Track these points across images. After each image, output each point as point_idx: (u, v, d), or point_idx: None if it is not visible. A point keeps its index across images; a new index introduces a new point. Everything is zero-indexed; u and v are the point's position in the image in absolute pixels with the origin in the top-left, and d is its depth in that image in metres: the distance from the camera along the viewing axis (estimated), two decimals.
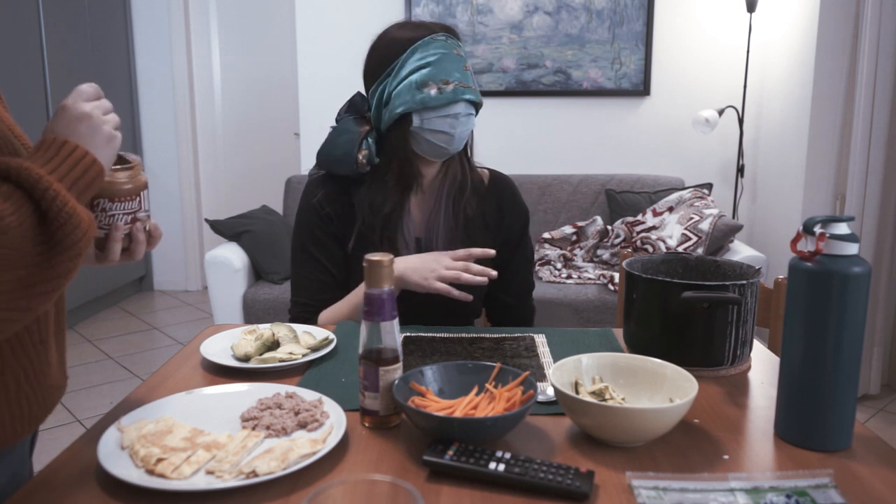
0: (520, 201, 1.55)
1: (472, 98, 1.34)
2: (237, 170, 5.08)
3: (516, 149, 3.75)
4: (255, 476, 0.76)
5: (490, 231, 1.50)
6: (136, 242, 0.91)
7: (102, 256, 0.90)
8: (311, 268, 1.46)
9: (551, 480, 0.75)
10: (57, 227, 0.75)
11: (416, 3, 3.61)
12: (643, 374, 0.97)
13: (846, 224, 0.85)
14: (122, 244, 0.90)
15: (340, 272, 1.46)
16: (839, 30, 2.85)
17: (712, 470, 0.81)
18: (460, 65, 1.33)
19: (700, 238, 3.06)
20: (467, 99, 1.34)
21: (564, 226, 3.47)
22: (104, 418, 0.94)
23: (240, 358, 1.13)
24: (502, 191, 1.53)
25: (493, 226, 1.51)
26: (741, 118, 3.52)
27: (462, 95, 1.32)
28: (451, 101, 1.31)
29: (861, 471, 0.81)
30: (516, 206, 1.54)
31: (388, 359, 0.91)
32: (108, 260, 0.90)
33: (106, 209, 0.88)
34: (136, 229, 0.91)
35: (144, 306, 4.46)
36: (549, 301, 2.96)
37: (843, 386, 0.85)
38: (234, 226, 3.23)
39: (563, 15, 3.62)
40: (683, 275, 1.25)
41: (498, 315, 1.59)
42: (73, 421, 2.79)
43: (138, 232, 0.91)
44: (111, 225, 0.88)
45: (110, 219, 0.88)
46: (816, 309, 0.84)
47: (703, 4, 3.61)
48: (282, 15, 4.78)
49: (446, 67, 1.31)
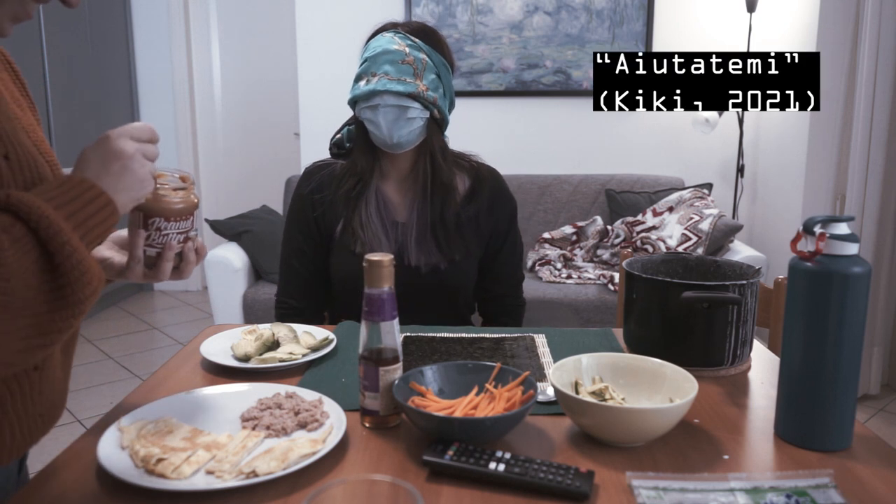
0: (507, 193, 1.57)
1: (397, 89, 1.36)
2: (237, 170, 5.08)
3: (516, 149, 3.75)
4: (254, 476, 0.76)
5: (480, 223, 1.52)
6: (186, 262, 0.91)
7: (152, 275, 0.89)
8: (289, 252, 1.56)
9: (551, 480, 0.75)
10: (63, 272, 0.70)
11: (416, 3, 3.61)
12: (643, 374, 0.97)
13: (846, 224, 0.85)
14: (173, 263, 0.89)
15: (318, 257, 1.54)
16: (839, 30, 2.85)
17: (712, 470, 0.81)
18: (397, 58, 1.37)
19: (700, 238, 3.06)
20: (391, 90, 1.36)
21: (564, 226, 3.46)
22: (104, 418, 0.94)
23: (240, 358, 1.13)
24: (489, 183, 1.54)
25: (483, 218, 1.53)
26: (741, 118, 3.52)
27: (383, 87, 1.36)
28: (372, 92, 1.37)
29: (861, 471, 0.81)
30: (504, 198, 1.56)
31: (388, 359, 0.91)
32: (157, 278, 0.89)
33: (161, 228, 0.87)
34: (188, 248, 0.91)
35: (144, 306, 4.45)
36: (549, 301, 2.96)
37: (843, 386, 0.85)
38: (234, 226, 3.23)
39: (563, 15, 3.62)
40: (683, 275, 1.25)
41: (488, 307, 1.61)
42: (73, 421, 2.79)
43: (189, 251, 0.91)
44: (164, 244, 0.88)
45: (164, 238, 0.88)
46: (816, 309, 0.84)
47: (703, 4, 3.61)
48: (282, 15, 4.77)
49: (378, 61, 1.38)
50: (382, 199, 1.50)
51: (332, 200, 1.51)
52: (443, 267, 1.47)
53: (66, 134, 3.80)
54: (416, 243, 1.46)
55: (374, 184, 1.50)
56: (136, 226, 0.87)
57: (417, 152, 1.48)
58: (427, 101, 1.39)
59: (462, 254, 1.48)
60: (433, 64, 1.41)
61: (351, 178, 1.49)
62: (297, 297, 1.57)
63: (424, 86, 1.38)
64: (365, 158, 1.48)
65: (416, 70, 1.38)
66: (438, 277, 1.46)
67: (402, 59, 1.37)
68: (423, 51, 1.40)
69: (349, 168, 1.50)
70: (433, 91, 1.40)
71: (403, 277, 1.41)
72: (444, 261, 1.47)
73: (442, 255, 1.46)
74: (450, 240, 1.47)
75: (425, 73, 1.39)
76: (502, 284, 1.59)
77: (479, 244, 1.53)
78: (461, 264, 1.49)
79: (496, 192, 1.54)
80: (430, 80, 1.40)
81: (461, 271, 1.49)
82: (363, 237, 1.46)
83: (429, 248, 1.46)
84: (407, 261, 1.46)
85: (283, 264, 1.58)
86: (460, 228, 1.50)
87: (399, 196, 1.52)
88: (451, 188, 1.48)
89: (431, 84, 1.40)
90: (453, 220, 1.49)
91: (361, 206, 1.48)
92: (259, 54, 5.01)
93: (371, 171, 1.49)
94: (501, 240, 1.56)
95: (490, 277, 1.57)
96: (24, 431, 0.85)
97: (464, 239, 1.50)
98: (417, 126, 1.41)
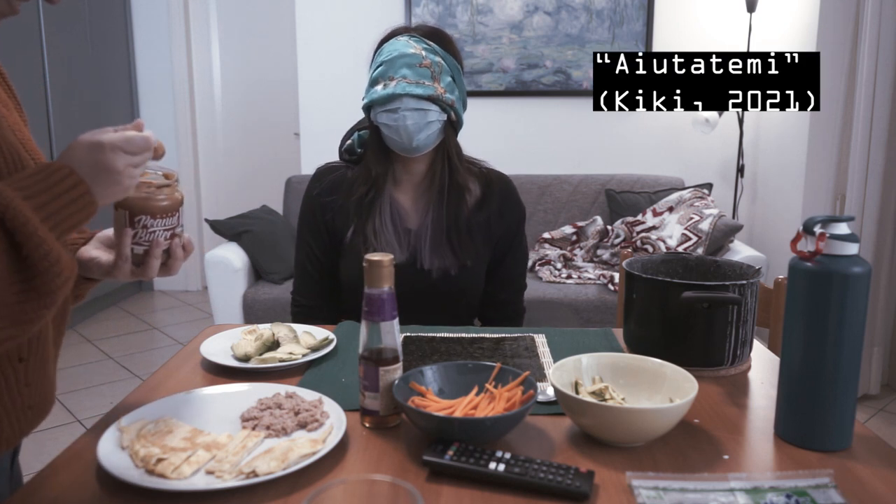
0: (517, 199, 1.57)
1: (417, 93, 1.36)
2: (237, 170, 5.08)
3: (516, 149, 3.75)
4: (254, 476, 0.76)
5: (491, 228, 1.52)
6: (174, 258, 0.91)
7: (140, 272, 0.89)
8: (302, 255, 1.56)
9: (551, 480, 0.75)
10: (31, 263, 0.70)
11: (416, 3, 3.61)
12: (643, 374, 0.97)
13: (846, 224, 0.85)
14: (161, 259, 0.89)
15: (328, 260, 1.54)
16: (839, 30, 2.85)
17: (712, 470, 0.81)
18: (415, 62, 1.37)
19: (700, 238, 3.06)
20: (411, 94, 1.35)
21: (564, 226, 3.46)
22: (104, 418, 0.94)
23: (240, 358, 1.13)
24: (500, 189, 1.55)
25: (493, 224, 1.53)
26: (741, 118, 3.52)
27: (403, 90, 1.35)
28: (391, 96, 1.36)
29: (861, 471, 0.81)
30: (514, 205, 1.56)
31: (388, 359, 0.91)
32: (146, 276, 0.89)
33: (147, 226, 0.87)
34: (175, 245, 0.91)
35: (144, 306, 4.45)
36: (549, 301, 2.96)
37: (843, 386, 0.85)
38: (234, 226, 3.23)
39: (563, 15, 3.62)
40: (683, 275, 1.25)
41: (489, 312, 1.61)
42: (73, 421, 2.79)
43: (176, 248, 0.91)
44: (152, 241, 0.88)
45: (151, 235, 0.88)
46: (816, 309, 0.84)
47: (703, 4, 3.61)
48: (282, 15, 4.77)
49: (396, 64, 1.37)
50: (396, 207, 1.49)
51: (342, 205, 1.50)
52: (454, 272, 1.46)
53: (66, 134, 3.80)
54: (431, 248, 1.46)
55: (387, 191, 1.49)
56: (123, 224, 0.87)
57: (433, 155, 1.47)
58: (445, 103, 1.39)
59: (473, 258, 1.49)
60: (448, 67, 1.42)
61: (363, 185, 1.48)
62: (310, 296, 1.57)
63: (442, 88, 1.38)
64: (379, 164, 1.47)
65: (434, 73, 1.38)
66: (448, 282, 1.46)
67: (420, 62, 1.37)
68: (439, 54, 1.41)
69: (362, 174, 1.49)
70: (450, 93, 1.40)
71: (412, 280, 1.42)
72: (457, 265, 1.46)
73: (455, 259, 1.46)
74: (463, 244, 1.47)
75: (442, 75, 1.39)
76: (505, 291, 1.59)
77: (488, 249, 1.53)
78: (472, 269, 1.49)
79: (506, 197, 1.54)
80: (447, 82, 1.40)
81: (471, 276, 1.49)
82: (376, 245, 1.45)
83: (444, 252, 1.46)
84: (420, 264, 1.46)
85: (297, 264, 1.59)
86: (471, 233, 1.50)
87: (412, 202, 1.51)
88: (466, 190, 1.48)
89: (448, 87, 1.40)
90: (465, 224, 1.49)
91: (375, 213, 1.47)
92: (259, 54, 5.01)
93: (385, 178, 1.48)
94: (508, 244, 1.55)
95: (494, 283, 1.56)
96: (14, 423, 0.85)
97: (475, 244, 1.50)
98: (436, 129, 1.41)
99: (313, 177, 1.56)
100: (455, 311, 1.51)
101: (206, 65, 4.84)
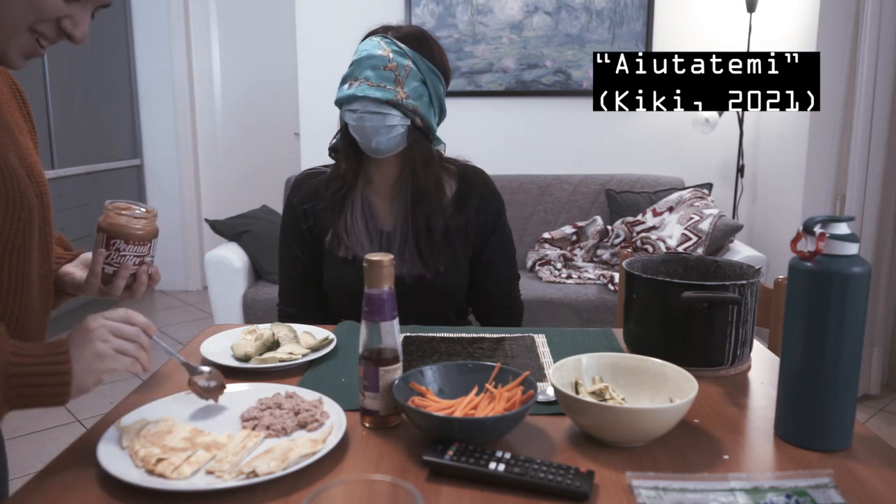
0: (493, 191, 1.55)
1: (375, 96, 1.34)
2: (237, 170, 5.08)
3: (516, 149, 3.75)
4: (255, 476, 0.76)
5: (468, 226, 1.51)
6: (139, 283, 1.03)
7: (106, 291, 1.01)
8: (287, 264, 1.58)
9: (551, 480, 0.75)
10: None
11: (416, 3, 3.61)
12: (643, 374, 0.97)
13: (846, 224, 0.85)
14: (127, 282, 1.01)
15: (313, 266, 1.54)
16: (839, 30, 2.85)
17: (712, 470, 0.81)
18: (380, 64, 1.36)
19: (700, 238, 3.06)
20: (369, 96, 1.34)
21: (564, 226, 3.46)
22: (104, 418, 0.94)
23: (240, 358, 1.13)
24: (475, 181, 1.53)
25: (470, 219, 1.51)
26: (741, 118, 3.52)
27: (362, 93, 1.35)
28: (351, 97, 1.36)
29: (861, 471, 0.81)
30: (489, 196, 1.54)
31: (388, 359, 0.91)
32: (110, 294, 1.01)
33: (120, 249, 0.99)
34: (142, 271, 1.02)
35: (144, 306, 4.45)
36: (549, 301, 2.96)
37: (843, 386, 0.85)
38: (234, 226, 3.23)
39: (563, 15, 3.62)
40: (683, 275, 1.25)
41: (478, 307, 1.60)
42: (73, 421, 2.79)
43: (143, 274, 1.02)
44: (122, 264, 1.00)
45: (122, 258, 1.00)
46: (816, 309, 0.84)
47: (703, 4, 3.61)
48: (282, 15, 4.77)
49: (362, 65, 1.37)
50: (368, 206, 1.49)
51: (322, 210, 1.50)
52: (428, 277, 1.45)
53: (66, 134, 3.80)
54: (399, 254, 1.45)
55: (359, 188, 1.49)
56: (99, 245, 0.99)
57: (402, 160, 1.46)
58: (406, 108, 1.37)
59: (447, 264, 1.47)
60: (418, 71, 1.38)
61: (336, 181, 1.49)
62: (296, 305, 1.58)
63: (405, 93, 1.36)
64: (349, 161, 1.47)
65: (398, 77, 1.36)
66: (422, 287, 1.45)
67: (385, 64, 1.36)
68: (409, 57, 1.38)
69: (334, 171, 1.50)
70: (415, 99, 1.37)
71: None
72: (429, 272, 1.45)
73: (425, 266, 1.45)
74: (434, 251, 1.45)
75: (408, 80, 1.37)
76: (490, 283, 1.56)
77: (467, 248, 1.52)
78: (446, 274, 1.47)
79: (482, 191, 1.53)
80: (413, 87, 1.37)
81: (446, 281, 1.47)
82: (347, 241, 1.46)
83: (412, 258, 1.45)
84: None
85: (281, 273, 1.59)
86: (448, 237, 1.48)
87: (385, 204, 1.50)
88: (435, 198, 1.46)
89: (413, 92, 1.37)
90: (440, 229, 1.47)
91: (347, 210, 1.48)
92: (259, 54, 5.01)
93: (356, 175, 1.48)
94: (487, 237, 1.53)
95: (478, 275, 1.55)
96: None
97: (451, 248, 1.48)
98: (398, 133, 1.39)
99: (292, 186, 1.56)
100: (438, 310, 1.50)
101: (206, 65, 4.85)
